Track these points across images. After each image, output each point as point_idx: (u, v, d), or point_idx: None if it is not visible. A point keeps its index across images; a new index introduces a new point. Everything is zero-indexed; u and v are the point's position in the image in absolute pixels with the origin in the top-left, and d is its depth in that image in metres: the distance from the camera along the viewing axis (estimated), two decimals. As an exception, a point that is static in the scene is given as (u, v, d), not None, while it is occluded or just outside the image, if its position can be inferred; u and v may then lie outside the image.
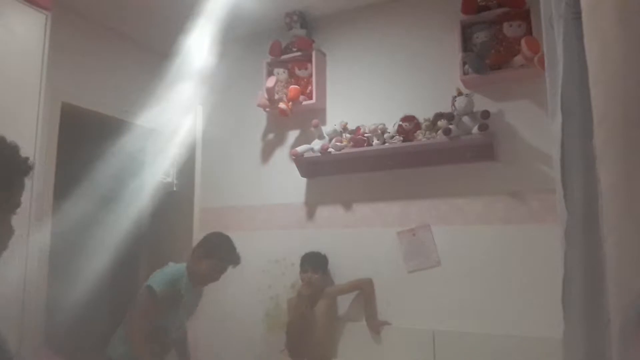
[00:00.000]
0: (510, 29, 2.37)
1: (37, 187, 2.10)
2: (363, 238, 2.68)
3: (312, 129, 2.76)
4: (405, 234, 2.56)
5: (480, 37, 2.44)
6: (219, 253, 2.27)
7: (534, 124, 2.33)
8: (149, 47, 3.30)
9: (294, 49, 2.92)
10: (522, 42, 2.22)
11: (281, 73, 2.93)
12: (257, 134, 3.12)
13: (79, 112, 2.84)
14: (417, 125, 2.54)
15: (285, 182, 2.93)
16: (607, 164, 0.62)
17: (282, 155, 3.01)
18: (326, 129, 2.77)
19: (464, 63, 2.43)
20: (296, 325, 2.56)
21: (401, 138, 2.51)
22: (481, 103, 2.41)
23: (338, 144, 2.65)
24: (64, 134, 2.71)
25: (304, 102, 2.83)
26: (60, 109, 2.69)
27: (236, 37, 3.08)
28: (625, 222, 0.60)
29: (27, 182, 1.09)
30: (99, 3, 2.79)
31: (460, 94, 2.38)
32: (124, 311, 2.30)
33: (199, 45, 3.00)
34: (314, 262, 2.60)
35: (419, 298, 2.48)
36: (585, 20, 0.67)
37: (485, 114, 2.31)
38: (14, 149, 1.08)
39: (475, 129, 2.29)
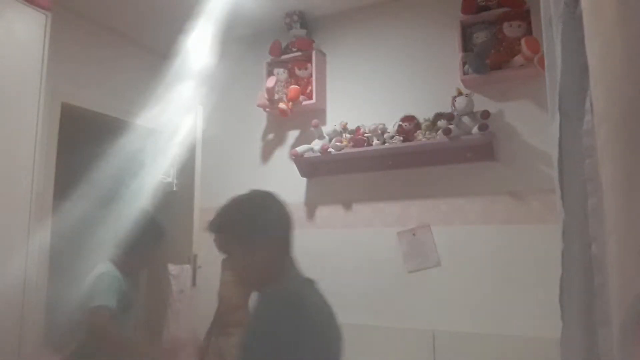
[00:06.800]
0: (510, 29, 2.37)
1: (37, 187, 2.09)
2: (363, 238, 2.68)
3: (312, 129, 2.76)
4: (405, 234, 2.56)
5: (480, 37, 2.44)
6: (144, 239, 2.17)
7: (534, 124, 2.33)
8: (149, 47, 3.30)
9: (294, 49, 2.92)
10: (522, 42, 2.23)
11: (281, 73, 2.93)
12: (257, 134, 3.13)
13: (79, 112, 2.84)
14: (417, 125, 2.54)
15: (285, 182, 2.92)
16: (607, 164, 0.62)
17: (282, 155, 3.01)
18: (326, 129, 2.77)
19: (464, 63, 2.43)
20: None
21: (401, 138, 2.51)
22: (481, 103, 2.41)
23: (338, 144, 2.65)
24: (64, 134, 2.71)
25: (304, 102, 2.83)
26: (60, 109, 2.69)
27: (236, 37, 3.07)
28: (626, 223, 0.59)
29: (28, 183, 1.06)
30: (99, 3, 2.79)
31: (460, 94, 2.38)
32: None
33: (199, 45, 3.00)
34: None
35: (419, 298, 2.48)
36: (585, 20, 0.67)
37: (485, 114, 2.31)
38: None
39: (475, 129, 2.29)
